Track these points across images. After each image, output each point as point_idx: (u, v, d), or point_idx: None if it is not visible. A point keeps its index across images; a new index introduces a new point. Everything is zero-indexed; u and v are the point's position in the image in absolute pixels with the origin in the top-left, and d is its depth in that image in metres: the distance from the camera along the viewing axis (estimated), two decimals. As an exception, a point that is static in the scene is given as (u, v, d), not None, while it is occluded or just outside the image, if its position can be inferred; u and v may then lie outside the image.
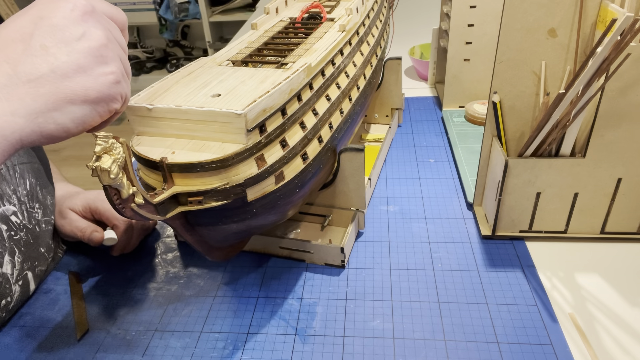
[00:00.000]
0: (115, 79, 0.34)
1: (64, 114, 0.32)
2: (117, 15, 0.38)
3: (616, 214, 0.60)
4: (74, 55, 0.32)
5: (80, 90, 0.32)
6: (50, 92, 0.31)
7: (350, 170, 0.61)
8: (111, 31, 0.36)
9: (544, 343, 0.50)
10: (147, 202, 0.40)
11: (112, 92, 0.34)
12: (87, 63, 0.32)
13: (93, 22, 0.34)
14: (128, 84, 0.37)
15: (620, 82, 0.51)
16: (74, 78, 0.32)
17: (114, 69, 0.34)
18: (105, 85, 0.34)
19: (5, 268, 0.56)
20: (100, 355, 0.52)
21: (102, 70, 0.33)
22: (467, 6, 0.88)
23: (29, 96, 0.30)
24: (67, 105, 0.32)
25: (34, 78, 0.30)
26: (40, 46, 0.31)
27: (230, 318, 0.55)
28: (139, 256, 0.66)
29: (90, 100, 0.33)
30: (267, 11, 0.74)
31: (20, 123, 0.29)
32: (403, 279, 0.59)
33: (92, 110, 0.33)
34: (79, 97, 0.32)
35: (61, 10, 0.32)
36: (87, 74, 0.32)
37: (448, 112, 0.96)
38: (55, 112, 0.31)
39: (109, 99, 0.34)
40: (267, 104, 0.45)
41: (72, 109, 0.32)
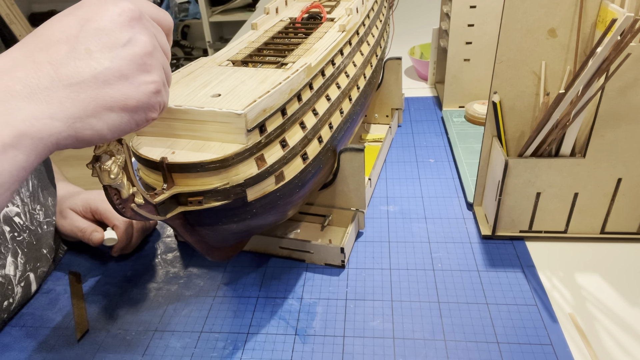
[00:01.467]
0: (156, 88, 0.33)
1: (101, 120, 0.31)
2: (164, 20, 0.37)
3: (616, 214, 0.60)
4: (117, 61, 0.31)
5: (120, 98, 0.31)
6: (90, 98, 0.30)
7: (350, 170, 0.61)
8: (157, 37, 0.35)
9: (544, 343, 0.50)
10: (147, 202, 0.40)
11: (151, 101, 0.33)
12: (130, 71, 0.32)
13: (139, 28, 0.33)
14: (167, 92, 0.37)
15: (620, 82, 0.51)
16: (115, 85, 0.31)
17: (156, 78, 0.33)
18: (146, 95, 0.33)
19: (8, 269, 0.56)
20: (100, 355, 0.52)
21: (143, 79, 0.33)
22: (467, 6, 0.88)
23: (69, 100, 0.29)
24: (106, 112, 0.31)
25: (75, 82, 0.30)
26: (85, 50, 0.30)
27: (230, 318, 0.55)
28: (139, 256, 0.66)
29: (129, 108, 0.32)
30: (267, 11, 0.74)
31: (58, 127, 0.29)
32: (403, 279, 0.59)
33: (130, 118, 0.33)
34: (118, 104, 0.31)
35: (108, 14, 0.31)
36: (128, 82, 0.32)
37: (448, 112, 0.96)
38: (93, 118, 0.30)
39: (147, 108, 0.33)
40: (267, 104, 0.45)
41: (110, 116, 0.31)
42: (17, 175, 0.28)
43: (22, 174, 0.28)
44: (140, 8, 0.34)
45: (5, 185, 0.27)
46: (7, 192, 0.27)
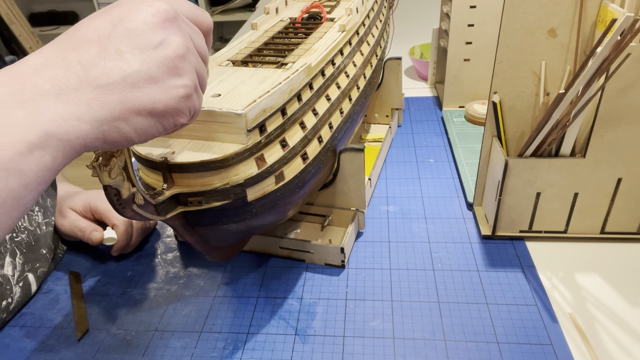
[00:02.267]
0: (186, 92, 0.32)
1: (128, 124, 0.30)
2: (203, 20, 0.36)
3: (616, 214, 0.60)
4: (147, 64, 0.30)
5: (148, 101, 0.30)
6: (117, 101, 0.29)
7: (350, 170, 0.61)
8: (192, 38, 0.34)
9: (544, 343, 0.50)
10: (147, 202, 0.40)
11: (180, 106, 0.32)
12: (160, 74, 0.31)
13: (173, 29, 0.32)
14: (200, 97, 0.35)
15: (620, 82, 0.51)
16: (143, 88, 0.30)
17: (187, 82, 0.32)
18: (175, 99, 0.32)
19: (6, 269, 0.56)
20: (100, 355, 0.52)
21: (173, 82, 0.31)
22: (467, 6, 0.88)
23: (97, 102, 0.29)
24: (133, 115, 0.30)
25: (104, 84, 0.29)
26: (115, 50, 0.29)
27: (230, 318, 0.55)
28: (139, 256, 0.66)
29: (157, 113, 0.31)
30: (267, 11, 0.74)
31: (85, 129, 0.28)
32: (403, 279, 0.59)
33: (157, 123, 0.32)
34: (145, 108, 0.30)
35: (142, 14, 0.30)
36: (157, 86, 0.31)
37: (448, 112, 0.96)
38: (120, 121, 0.30)
39: (176, 113, 0.32)
40: (267, 104, 0.45)
41: (137, 119, 0.30)
42: (42, 176, 0.27)
43: (47, 175, 0.27)
44: (176, 8, 0.33)
45: (30, 185, 0.26)
46: (32, 192, 0.27)
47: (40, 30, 2.91)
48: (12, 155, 0.25)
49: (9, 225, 0.27)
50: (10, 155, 0.25)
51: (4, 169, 0.25)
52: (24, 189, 0.26)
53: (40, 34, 2.85)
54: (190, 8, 0.35)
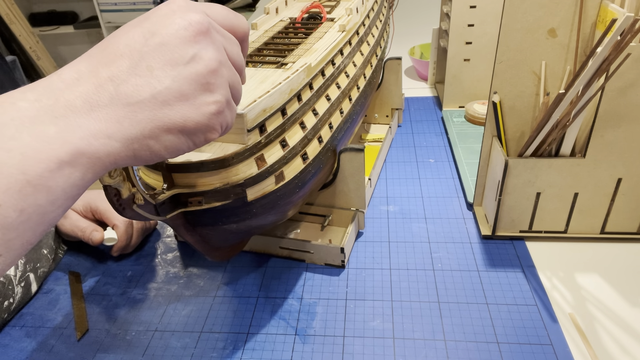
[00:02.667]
0: (218, 109, 0.31)
1: (158, 142, 0.30)
2: (238, 26, 0.35)
3: (616, 214, 0.60)
4: (178, 80, 0.29)
5: (179, 120, 0.30)
6: (148, 119, 0.29)
7: (350, 170, 0.61)
8: (227, 48, 0.33)
9: (544, 343, 0.50)
10: (147, 202, 0.40)
11: (211, 123, 0.31)
12: (191, 90, 0.30)
13: (205, 43, 0.30)
14: (233, 110, 0.34)
15: (620, 82, 0.51)
16: (174, 106, 0.29)
17: (219, 98, 0.31)
18: (206, 116, 0.31)
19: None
20: (100, 355, 0.52)
21: (205, 99, 0.31)
22: (467, 6, 0.88)
23: (127, 120, 0.28)
24: (164, 134, 0.29)
25: (134, 102, 0.28)
26: (147, 67, 0.29)
27: (230, 318, 0.55)
28: (139, 256, 0.66)
29: (187, 130, 0.30)
30: (267, 11, 0.74)
31: (116, 147, 0.28)
32: (403, 279, 0.59)
33: (188, 140, 0.31)
34: (176, 126, 0.30)
35: (174, 27, 0.29)
36: (188, 103, 0.30)
37: (448, 112, 0.96)
38: (150, 139, 0.29)
39: (207, 130, 0.32)
40: (267, 104, 0.45)
41: (168, 137, 0.30)
42: (70, 192, 0.27)
43: (76, 192, 0.27)
44: (211, 16, 0.32)
45: (58, 202, 0.26)
46: (59, 209, 0.27)
47: (40, 30, 2.91)
48: (41, 171, 0.25)
49: (33, 240, 0.26)
50: (39, 172, 0.25)
51: (32, 185, 0.25)
52: (50, 205, 0.26)
53: (40, 34, 2.85)
54: (225, 15, 0.34)
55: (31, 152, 0.25)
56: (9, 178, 0.24)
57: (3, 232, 0.24)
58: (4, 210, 0.24)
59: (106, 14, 2.73)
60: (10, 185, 0.24)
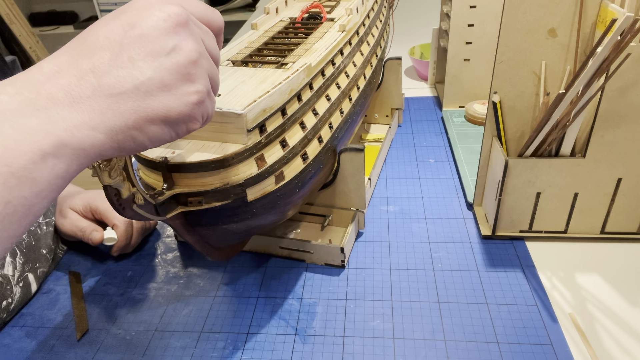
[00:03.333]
0: (199, 99, 0.32)
1: (142, 132, 0.30)
2: (214, 20, 0.35)
3: (616, 214, 0.60)
4: (160, 71, 0.30)
5: (162, 110, 0.30)
6: (131, 110, 0.29)
7: (350, 170, 0.61)
8: (204, 41, 0.33)
9: (544, 343, 0.50)
10: (147, 202, 0.40)
11: (193, 112, 0.32)
12: (172, 81, 0.30)
13: (185, 34, 0.31)
14: (213, 101, 0.35)
15: (620, 82, 0.51)
16: (157, 97, 0.30)
17: (199, 88, 0.32)
18: (188, 106, 0.31)
19: (6, 269, 0.56)
20: (100, 355, 0.52)
21: (186, 89, 0.31)
22: (467, 6, 0.88)
23: (110, 112, 0.28)
24: (147, 124, 0.30)
25: (117, 93, 0.28)
26: (128, 58, 0.29)
27: (230, 318, 0.55)
28: (139, 256, 0.66)
29: (170, 120, 0.31)
30: (267, 11, 0.74)
31: (100, 138, 0.28)
32: (403, 279, 0.59)
33: (171, 130, 0.32)
34: (159, 117, 0.30)
35: (153, 19, 0.30)
36: (170, 93, 0.30)
37: (448, 112, 0.96)
38: (134, 130, 0.30)
39: (189, 120, 0.32)
40: (267, 104, 0.45)
41: (151, 127, 0.30)
42: (55, 184, 0.27)
43: (61, 183, 0.27)
44: (188, 11, 0.32)
45: (43, 193, 0.26)
46: (44, 200, 0.27)
47: (40, 30, 2.91)
48: (25, 163, 0.25)
49: (20, 232, 0.26)
50: (23, 164, 0.25)
51: (16, 177, 0.25)
52: (36, 197, 0.26)
53: (40, 34, 2.85)
54: (201, 8, 0.34)
55: (14, 145, 0.25)
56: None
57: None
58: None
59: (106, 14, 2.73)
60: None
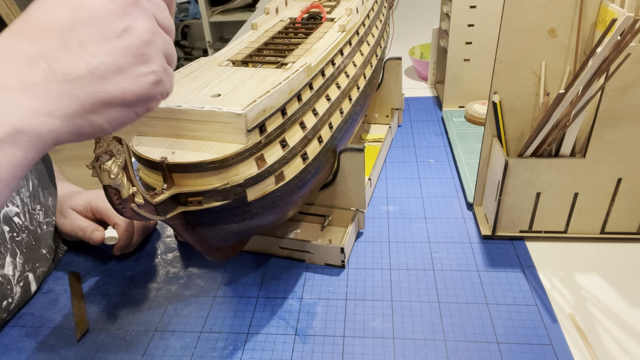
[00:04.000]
0: (156, 79, 0.31)
1: (100, 116, 0.29)
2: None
3: (616, 214, 0.60)
4: (112, 54, 0.29)
5: (118, 93, 0.30)
6: (87, 95, 0.28)
7: (350, 170, 0.61)
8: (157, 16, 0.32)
9: (544, 343, 0.50)
10: (147, 202, 0.40)
11: (151, 92, 0.31)
12: (127, 63, 0.30)
13: (136, 13, 0.30)
14: (171, 77, 0.34)
15: (620, 82, 0.51)
16: (111, 80, 0.29)
17: (155, 68, 0.31)
18: (145, 87, 0.31)
19: (6, 269, 0.56)
20: (100, 355, 0.52)
21: (141, 70, 0.30)
22: (467, 6, 0.88)
23: (66, 98, 0.28)
24: (105, 108, 0.29)
25: (71, 79, 0.28)
26: (78, 43, 0.28)
27: (230, 318, 0.55)
28: (139, 256, 0.66)
29: (128, 102, 0.30)
30: (267, 11, 0.74)
31: (57, 124, 0.28)
32: (403, 279, 0.59)
33: (129, 111, 0.31)
34: (116, 99, 0.30)
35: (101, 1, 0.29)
36: (125, 75, 0.30)
37: (448, 112, 0.96)
38: (91, 114, 0.29)
39: (147, 100, 0.32)
40: (267, 104, 0.45)
41: (109, 111, 0.30)
42: (15, 172, 0.27)
43: (20, 171, 0.27)
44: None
45: (3, 182, 0.26)
46: (5, 189, 0.26)
47: (40, 30, 2.91)
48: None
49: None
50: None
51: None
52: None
53: (40, 34, 2.85)
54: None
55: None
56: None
57: None
58: None
59: (106, 14, 2.73)
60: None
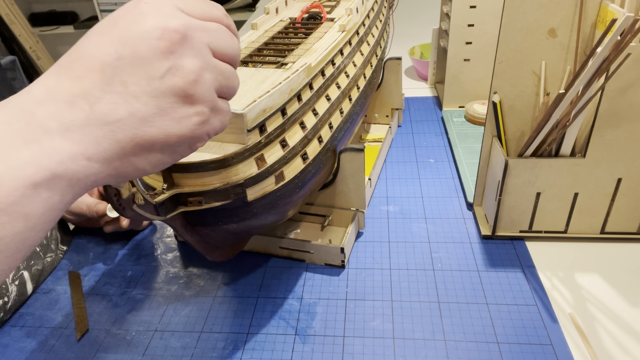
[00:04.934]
0: (201, 119, 0.29)
1: (141, 158, 0.28)
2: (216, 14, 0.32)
3: (616, 214, 0.60)
4: (155, 96, 0.27)
5: (160, 136, 0.28)
6: (127, 138, 0.27)
7: (350, 170, 0.61)
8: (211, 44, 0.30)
9: (544, 343, 0.50)
10: (147, 202, 0.40)
11: (195, 133, 0.30)
12: (170, 105, 0.28)
13: (182, 51, 0.28)
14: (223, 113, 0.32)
15: (620, 82, 0.51)
16: (154, 122, 0.28)
17: (200, 109, 0.29)
18: (189, 128, 0.29)
19: None
20: (100, 355, 0.52)
21: (185, 111, 0.29)
22: (467, 6, 0.87)
23: (106, 141, 0.26)
24: (146, 151, 0.28)
25: (112, 121, 0.26)
26: (120, 82, 0.27)
27: (230, 318, 0.55)
28: (139, 256, 0.66)
29: (171, 145, 0.29)
30: (267, 11, 0.74)
31: (96, 168, 0.26)
32: (403, 279, 0.59)
33: (172, 152, 0.30)
34: (158, 142, 0.28)
35: (146, 38, 0.27)
36: (168, 117, 0.28)
37: (448, 112, 0.96)
38: (132, 157, 0.28)
39: (191, 142, 0.30)
40: (267, 104, 0.45)
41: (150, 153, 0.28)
42: (49, 216, 0.25)
43: (55, 215, 0.26)
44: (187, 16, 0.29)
45: (37, 227, 0.25)
46: (39, 233, 0.25)
47: (40, 30, 2.91)
48: (16, 199, 0.23)
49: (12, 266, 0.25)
50: (14, 200, 0.23)
51: (7, 214, 0.23)
52: (30, 231, 0.25)
53: (40, 34, 2.85)
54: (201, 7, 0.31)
55: (4, 180, 0.23)
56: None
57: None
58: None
59: (106, 14, 2.73)
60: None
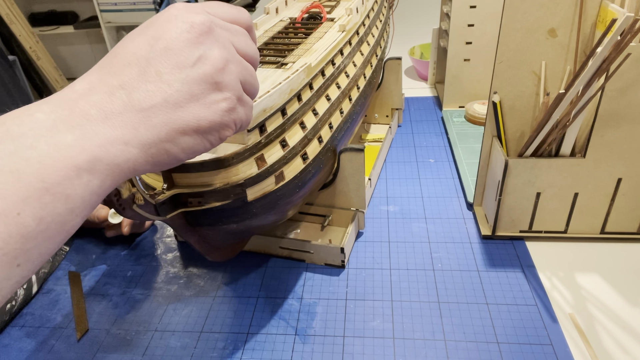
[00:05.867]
0: (229, 106, 0.32)
1: (175, 144, 0.30)
2: (241, 19, 0.35)
3: (616, 214, 0.60)
4: (187, 82, 0.30)
5: (192, 120, 0.30)
6: (162, 123, 0.29)
7: (350, 170, 0.61)
8: (234, 43, 0.33)
9: (544, 343, 0.50)
10: (147, 202, 0.40)
11: (224, 120, 0.32)
12: (200, 91, 0.30)
13: (210, 42, 0.31)
14: (247, 105, 0.34)
15: (620, 82, 0.51)
16: (186, 108, 0.30)
17: (228, 95, 0.32)
18: (218, 114, 0.31)
19: None
20: (100, 355, 0.52)
21: (215, 97, 0.31)
22: (467, 6, 0.88)
23: (142, 126, 0.29)
24: (179, 136, 0.30)
25: (147, 107, 0.29)
26: (155, 72, 0.29)
27: (230, 318, 0.55)
28: (139, 256, 0.66)
29: (202, 130, 0.31)
30: (267, 11, 0.74)
31: (134, 153, 0.28)
32: (403, 279, 0.59)
33: (203, 139, 0.32)
34: (191, 127, 0.30)
35: (176, 31, 0.30)
36: (199, 103, 0.30)
37: (448, 112, 0.96)
38: (167, 142, 0.30)
39: (220, 128, 0.32)
40: (267, 104, 0.45)
41: (183, 139, 0.30)
42: (89, 200, 0.27)
43: (95, 200, 0.27)
44: (211, 19, 0.32)
45: (76, 210, 0.26)
46: (77, 217, 0.27)
47: (40, 30, 2.91)
48: (60, 179, 0.25)
49: (52, 250, 0.26)
50: (58, 179, 0.25)
51: (51, 193, 0.25)
52: (69, 214, 0.26)
53: (40, 33, 2.85)
54: (226, 10, 0.34)
55: (49, 161, 0.25)
56: (28, 186, 0.24)
57: (22, 242, 0.24)
58: (22, 219, 0.24)
59: (106, 14, 2.73)
60: (29, 194, 0.24)
